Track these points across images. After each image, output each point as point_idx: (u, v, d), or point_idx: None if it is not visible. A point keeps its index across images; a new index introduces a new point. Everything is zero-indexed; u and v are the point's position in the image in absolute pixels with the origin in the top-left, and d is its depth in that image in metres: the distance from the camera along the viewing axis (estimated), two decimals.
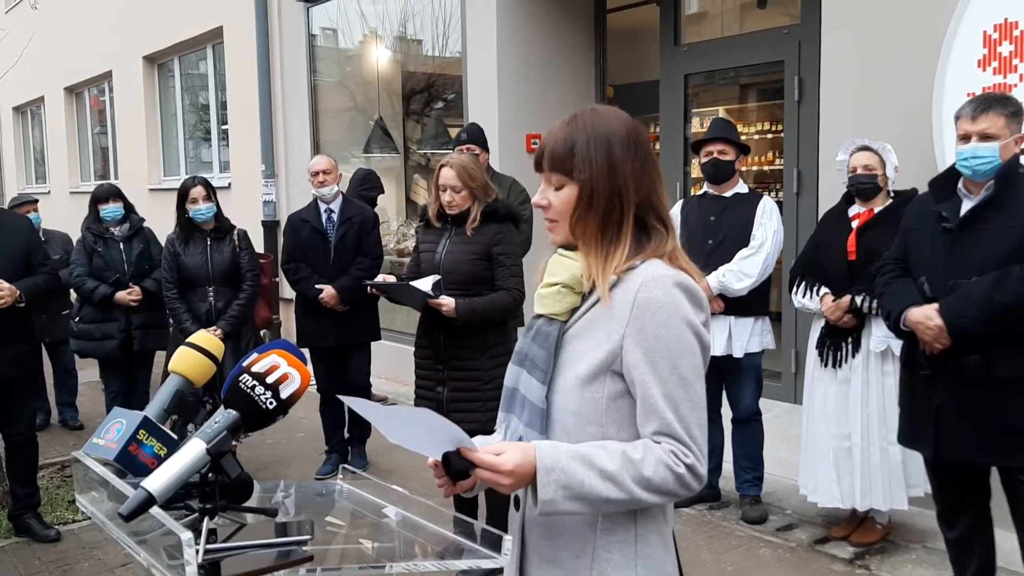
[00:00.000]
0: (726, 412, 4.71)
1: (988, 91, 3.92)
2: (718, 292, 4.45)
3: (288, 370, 1.51)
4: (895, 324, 3.36)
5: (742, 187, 4.69)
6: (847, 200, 4.18)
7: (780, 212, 4.65)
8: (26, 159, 17.76)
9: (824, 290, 4.12)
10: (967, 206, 3.23)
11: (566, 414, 1.65)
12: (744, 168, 4.71)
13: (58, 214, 11.71)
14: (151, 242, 5.81)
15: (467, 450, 1.53)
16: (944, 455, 3.27)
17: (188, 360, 1.74)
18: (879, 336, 3.96)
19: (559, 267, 1.72)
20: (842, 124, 4.67)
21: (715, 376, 4.52)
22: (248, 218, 7.75)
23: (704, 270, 3.89)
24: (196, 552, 1.28)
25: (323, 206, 5.49)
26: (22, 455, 4.66)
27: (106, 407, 6.02)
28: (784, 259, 5.21)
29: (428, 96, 8.31)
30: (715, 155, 4.58)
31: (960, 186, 3.28)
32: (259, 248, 6.81)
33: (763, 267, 4.46)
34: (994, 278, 3.07)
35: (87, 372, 7.34)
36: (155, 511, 1.36)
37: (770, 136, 6.88)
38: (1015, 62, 4.02)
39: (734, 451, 4.70)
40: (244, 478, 1.51)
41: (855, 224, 4.07)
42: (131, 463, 1.55)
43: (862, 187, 4.04)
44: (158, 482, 1.38)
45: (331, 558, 1.56)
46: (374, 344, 5.67)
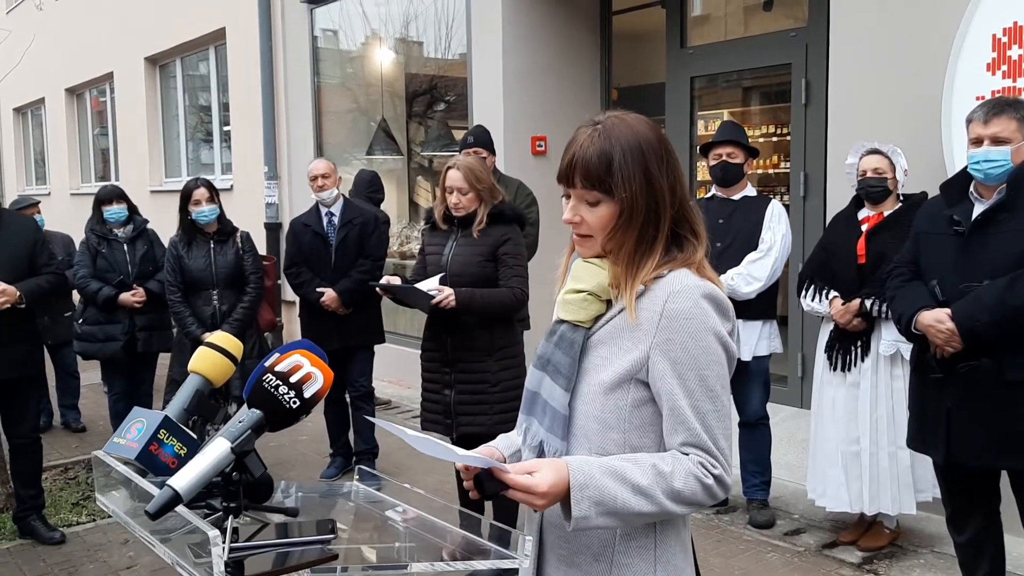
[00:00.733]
0: (733, 416, 4.70)
1: (999, 95, 3.92)
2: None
3: (311, 369, 1.50)
4: (906, 327, 3.35)
5: (750, 190, 4.68)
6: (856, 203, 4.18)
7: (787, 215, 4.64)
8: (26, 160, 17.76)
9: (833, 293, 4.11)
10: (979, 210, 3.22)
11: (588, 420, 1.64)
12: (749, 171, 4.70)
13: (58, 216, 11.70)
14: (155, 243, 5.80)
15: (500, 471, 1.51)
16: (954, 459, 3.26)
17: (208, 360, 1.74)
18: (888, 340, 3.96)
19: (585, 273, 1.69)
20: (850, 127, 4.67)
21: None
22: (250, 220, 7.74)
23: None
24: (223, 550, 1.27)
25: (324, 210, 5.48)
26: (27, 457, 4.65)
27: (109, 409, 6.01)
28: (791, 263, 5.21)
29: (431, 98, 8.31)
30: (724, 158, 4.57)
31: (971, 190, 3.28)
32: (261, 251, 6.79)
33: (771, 270, 4.46)
34: (1007, 281, 3.07)
35: (88, 374, 7.32)
36: (180, 509, 1.36)
37: (775, 139, 6.87)
38: None
39: (741, 455, 4.69)
40: (265, 478, 1.50)
41: (864, 227, 4.07)
42: (152, 463, 1.55)
43: (872, 190, 4.03)
44: (184, 480, 1.37)
45: (353, 557, 1.55)
46: (378, 347, 5.66)
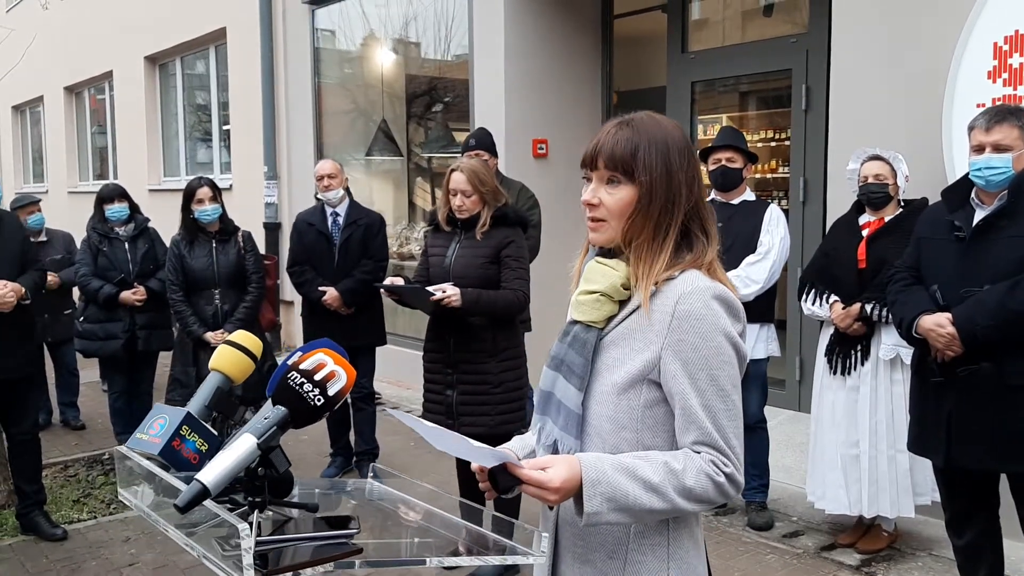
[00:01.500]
0: None
1: (1001, 103, 3.96)
2: None
3: (334, 368, 1.52)
4: (907, 331, 3.39)
5: (749, 195, 4.72)
6: (857, 209, 4.21)
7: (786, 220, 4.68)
8: (24, 158, 17.73)
9: (834, 298, 4.15)
10: (980, 215, 3.26)
11: (602, 420, 1.67)
12: (748, 176, 4.74)
13: (56, 214, 11.66)
14: (156, 242, 5.82)
15: (514, 466, 1.54)
16: (955, 462, 3.29)
17: (229, 358, 1.77)
18: (888, 344, 3.99)
19: (597, 275, 1.72)
20: (850, 133, 4.71)
21: None
22: (249, 220, 7.74)
23: None
24: (252, 543, 1.29)
25: (329, 209, 5.49)
26: (28, 453, 4.67)
27: (110, 408, 6.01)
28: (790, 267, 5.24)
29: (431, 99, 8.33)
30: (723, 162, 4.61)
31: (972, 196, 3.32)
32: (260, 250, 6.79)
33: (770, 273, 4.49)
34: (1007, 286, 3.11)
35: (87, 372, 7.33)
36: (208, 503, 1.38)
37: (774, 144, 6.91)
38: None
39: None
40: (287, 474, 1.53)
41: (865, 233, 4.10)
42: (174, 458, 1.57)
43: (873, 196, 4.07)
44: (212, 475, 1.40)
45: (370, 552, 1.57)
46: (379, 348, 5.67)
